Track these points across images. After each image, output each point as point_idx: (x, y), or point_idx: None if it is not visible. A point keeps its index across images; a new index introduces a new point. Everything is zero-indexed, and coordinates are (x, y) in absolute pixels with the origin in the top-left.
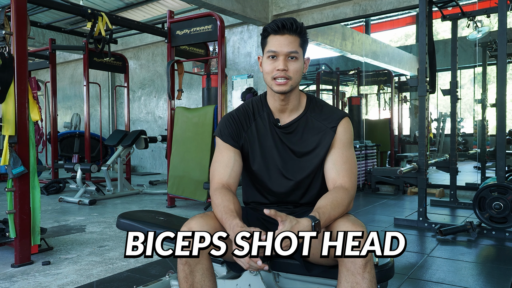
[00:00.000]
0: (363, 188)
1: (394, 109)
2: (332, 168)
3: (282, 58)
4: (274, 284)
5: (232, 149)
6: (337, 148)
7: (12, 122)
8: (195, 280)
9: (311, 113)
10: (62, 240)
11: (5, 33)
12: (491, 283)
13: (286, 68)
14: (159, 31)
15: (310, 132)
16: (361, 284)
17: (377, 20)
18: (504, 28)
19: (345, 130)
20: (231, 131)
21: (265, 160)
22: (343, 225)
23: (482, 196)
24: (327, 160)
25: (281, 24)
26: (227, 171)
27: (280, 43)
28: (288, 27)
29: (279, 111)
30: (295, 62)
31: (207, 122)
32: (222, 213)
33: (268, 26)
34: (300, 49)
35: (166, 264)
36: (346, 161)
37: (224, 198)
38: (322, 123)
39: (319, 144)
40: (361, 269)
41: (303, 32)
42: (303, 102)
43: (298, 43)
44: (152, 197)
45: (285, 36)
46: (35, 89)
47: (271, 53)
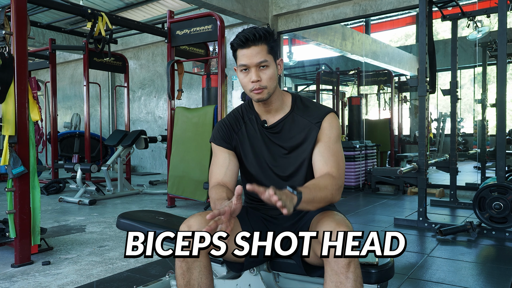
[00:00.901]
0: (363, 188)
1: (394, 109)
2: (319, 159)
3: (254, 70)
4: (274, 284)
5: (226, 151)
6: (324, 142)
7: (12, 122)
8: (192, 277)
9: (297, 111)
10: (62, 240)
11: (5, 33)
12: (491, 283)
13: (259, 78)
14: (159, 31)
15: (296, 129)
16: (345, 284)
17: (377, 20)
18: (504, 28)
19: (330, 125)
20: (223, 134)
21: (257, 159)
22: (327, 224)
23: (482, 196)
24: (315, 153)
25: (244, 37)
26: (222, 171)
27: (248, 56)
28: (252, 39)
29: (264, 112)
30: (266, 69)
31: (207, 122)
32: (215, 202)
33: (234, 41)
34: (269, 56)
35: (166, 264)
36: (334, 154)
37: (217, 191)
38: (307, 119)
39: (305, 139)
40: (344, 269)
41: (268, 38)
42: (288, 102)
43: (265, 51)
44: (152, 197)
45: (251, 48)
46: (35, 89)
47: (242, 67)
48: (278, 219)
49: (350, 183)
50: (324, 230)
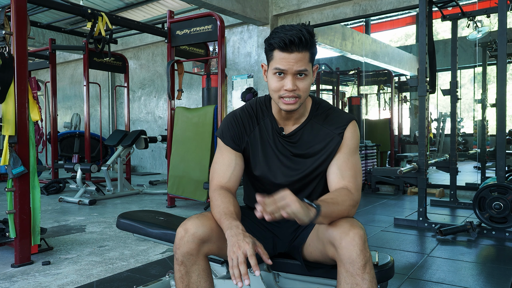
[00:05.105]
0: (363, 188)
1: (394, 109)
2: (336, 172)
3: (291, 77)
4: (274, 284)
5: (233, 152)
6: (343, 153)
7: (12, 122)
8: (191, 281)
9: (316, 119)
10: (62, 240)
11: (5, 33)
12: (491, 283)
13: (296, 87)
14: (159, 31)
15: (316, 139)
16: (361, 285)
17: (377, 20)
18: (504, 28)
19: (352, 135)
20: (233, 133)
21: (268, 167)
22: (341, 226)
23: (482, 196)
24: (332, 164)
25: (289, 40)
26: (227, 174)
27: (287, 61)
28: (297, 43)
29: (283, 118)
30: (304, 79)
31: (207, 122)
32: (221, 214)
33: (274, 41)
34: (310, 65)
35: (166, 264)
36: (352, 167)
37: (224, 199)
38: (328, 129)
39: (324, 149)
40: (360, 270)
41: (312, 44)
42: (308, 107)
43: (307, 59)
44: (152, 197)
45: (294, 54)
46: (35, 89)
47: (277, 70)
48: (280, 223)
49: None
50: (339, 231)
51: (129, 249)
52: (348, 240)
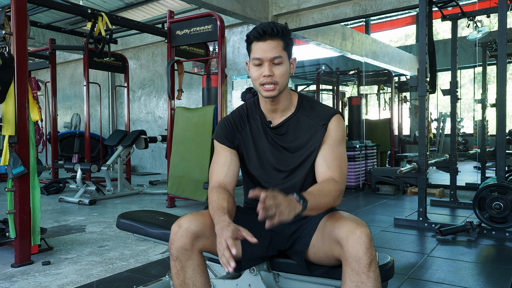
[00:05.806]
0: (363, 188)
1: (394, 109)
2: (322, 163)
3: (267, 64)
4: (274, 284)
5: (228, 150)
6: (328, 145)
7: (12, 122)
8: (187, 276)
9: (303, 112)
10: (62, 240)
11: (5, 33)
12: (491, 283)
13: (272, 73)
14: (159, 31)
15: (302, 130)
16: (366, 284)
17: (377, 20)
18: (504, 28)
19: (336, 127)
20: (226, 132)
21: (260, 160)
22: (347, 225)
23: (482, 196)
24: (318, 156)
25: (262, 30)
26: (223, 170)
27: (263, 50)
28: (269, 33)
29: (270, 112)
30: (280, 66)
31: (207, 122)
32: (214, 209)
33: (250, 33)
34: (284, 52)
35: (166, 264)
36: (337, 158)
37: (219, 196)
38: (313, 121)
39: (310, 140)
40: (365, 268)
41: (285, 35)
42: (294, 101)
43: (281, 47)
44: (152, 197)
45: (268, 42)
46: (35, 89)
47: (256, 60)
48: None
49: (350, 183)
50: (346, 230)
51: (129, 249)
52: (355, 238)
